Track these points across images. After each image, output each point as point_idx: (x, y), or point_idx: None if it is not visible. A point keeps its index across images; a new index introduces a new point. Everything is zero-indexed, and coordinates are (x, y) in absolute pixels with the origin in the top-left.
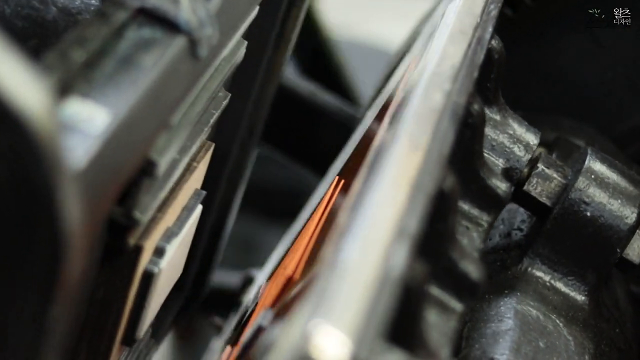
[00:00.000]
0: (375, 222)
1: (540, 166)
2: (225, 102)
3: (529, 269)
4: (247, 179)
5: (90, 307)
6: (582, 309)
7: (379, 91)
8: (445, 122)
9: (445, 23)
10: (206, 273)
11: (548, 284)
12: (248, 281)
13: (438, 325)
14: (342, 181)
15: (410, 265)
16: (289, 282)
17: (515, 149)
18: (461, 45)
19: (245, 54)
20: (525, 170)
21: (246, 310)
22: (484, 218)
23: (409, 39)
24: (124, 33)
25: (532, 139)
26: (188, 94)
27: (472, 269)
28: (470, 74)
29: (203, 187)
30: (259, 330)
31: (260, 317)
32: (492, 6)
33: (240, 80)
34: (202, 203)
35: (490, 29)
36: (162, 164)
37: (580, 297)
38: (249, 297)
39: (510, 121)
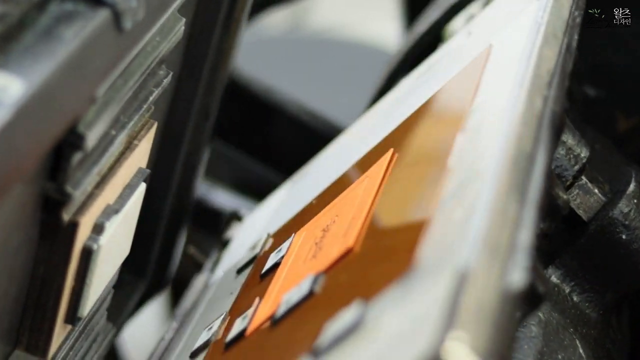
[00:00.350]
0: (489, 232)
1: (584, 179)
2: (166, 80)
3: (552, 277)
4: (204, 166)
5: (31, 285)
6: (595, 327)
7: (379, 91)
8: (545, 130)
9: (535, 22)
10: (168, 259)
11: (568, 297)
12: (232, 218)
13: None
14: (396, 155)
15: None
16: (348, 253)
17: (566, 158)
18: (554, 49)
19: (193, 34)
20: (569, 180)
21: (254, 256)
22: (540, 226)
23: (410, 38)
24: (46, 7)
25: (584, 151)
26: (114, 67)
27: (540, 282)
28: (562, 81)
29: (158, 170)
30: (311, 295)
31: (310, 281)
32: (576, 12)
33: (189, 62)
34: (158, 187)
35: (576, 36)
36: (91, 138)
37: (594, 315)
38: (248, 240)
39: (566, 130)
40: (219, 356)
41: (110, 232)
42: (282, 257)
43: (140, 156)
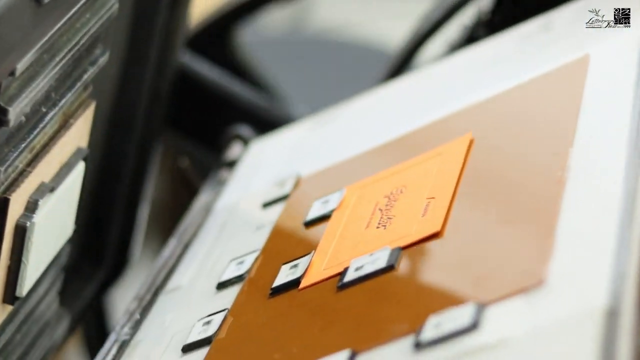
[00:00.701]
0: (631, 272)
1: None
2: (102, 59)
3: None
4: (159, 151)
5: None
6: None
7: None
8: None
9: None
10: (127, 247)
11: None
12: (232, 138)
13: None
14: (473, 140)
15: None
16: (434, 237)
17: None
18: None
19: (137, 15)
20: None
21: (284, 195)
22: None
23: (409, 39)
24: None
25: None
26: (33, 40)
27: None
28: None
29: (111, 154)
30: (390, 270)
31: (387, 254)
32: None
33: (135, 44)
34: (112, 171)
35: None
36: (13, 112)
37: None
38: (263, 171)
39: None
40: (261, 299)
41: (45, 210)
42: (332, 210)
43: (78, 135)
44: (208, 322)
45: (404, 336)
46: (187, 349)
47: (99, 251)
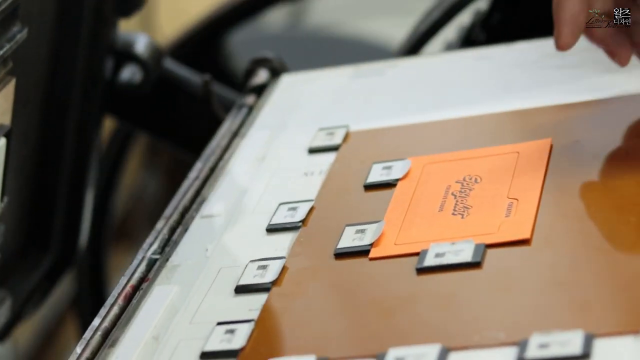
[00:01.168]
0: None
1: None
2: (21, 36)
3: None
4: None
5: None
6: None
7: None
8: None
9: None
10: (74, 232)
11: None
12: (257, 64)
13: None
14: (552, 147)
15: None
16: (522, 243)
17: None
18: None
19: None
20: None
21: (334, 146)
22: None
23: (411, 37)
24: None
25: None
26: None
27: None
28: None
29: (47, 137)
30: (475, 266)
31: (472, 249)
32: None
33: (64, 22)
34: (50, 157)
35: None
36: None
37: None
38: (299, 109)
39: None
40: (323, 257)
41: None
42: (397, 180)
43: None
44: (264, 267)
45: (503, 346)
46: (242, 290)
47: (45, 237)
